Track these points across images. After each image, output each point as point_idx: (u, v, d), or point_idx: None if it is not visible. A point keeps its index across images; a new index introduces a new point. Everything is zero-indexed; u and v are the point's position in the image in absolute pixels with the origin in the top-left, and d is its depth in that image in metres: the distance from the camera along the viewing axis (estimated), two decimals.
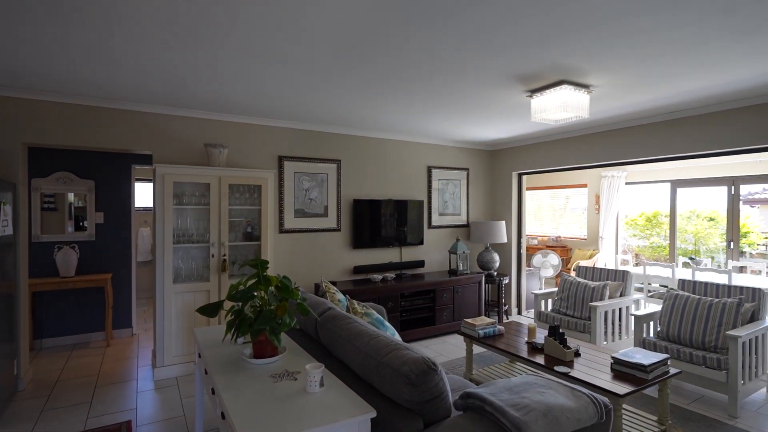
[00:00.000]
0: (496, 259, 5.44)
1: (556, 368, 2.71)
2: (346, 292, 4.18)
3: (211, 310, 2.07)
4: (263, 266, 2.04)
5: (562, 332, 2.95)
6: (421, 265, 5.32)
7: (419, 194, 5.43)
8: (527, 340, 3.24)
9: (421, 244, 5.34)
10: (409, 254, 5.32)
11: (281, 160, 4.42)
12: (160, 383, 3.54)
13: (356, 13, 2.03)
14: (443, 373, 1.65)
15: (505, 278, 5.47)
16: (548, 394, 1.73)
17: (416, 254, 5.38)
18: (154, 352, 3.73)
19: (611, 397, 2.35)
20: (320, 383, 1.71)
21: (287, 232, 4.46)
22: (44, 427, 2.83)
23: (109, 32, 2.26)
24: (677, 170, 6.91)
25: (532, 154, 5.55)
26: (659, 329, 3.61)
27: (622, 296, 4.27)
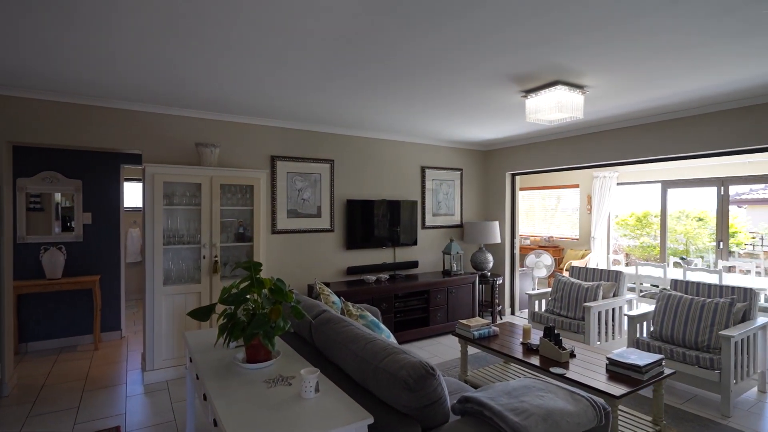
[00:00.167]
0: (489, 259, 5.45)
1: (551, 369, 2.70)
2: (339, 293, 4.14)
3: (202, 313, 2.02)
4: (257, 268, 2.00)
5: (557, 333, 2.95)
6: (414, 265, 5.30)
7: (413, 194, 5.41)
8: (522, 341, 3.23)
9: (414, 244, 5.32)
10: (402, 255, 5.29)
11: (274, 160, 4.36)
12: (149, 387, 3.47)
13: (352, 15, 2.00)
14: (441, 377, 1.62)
15: (498, 278, 5.47)
16: (547, 397, 1.71)
17: (410, 255, 5.35)
18: (143, 355, 3.65)
19: (607, 398, 2.35)
20: (316, 388, 1.67)
21: (280, 232, 4.40)
22: None
23: (105, 29, 2.20)
24: (668, 171, 6.98)
25: (525, 154, 5.55)
26: (652, 329, 3.62)
27: (615, 296, 4.29)
